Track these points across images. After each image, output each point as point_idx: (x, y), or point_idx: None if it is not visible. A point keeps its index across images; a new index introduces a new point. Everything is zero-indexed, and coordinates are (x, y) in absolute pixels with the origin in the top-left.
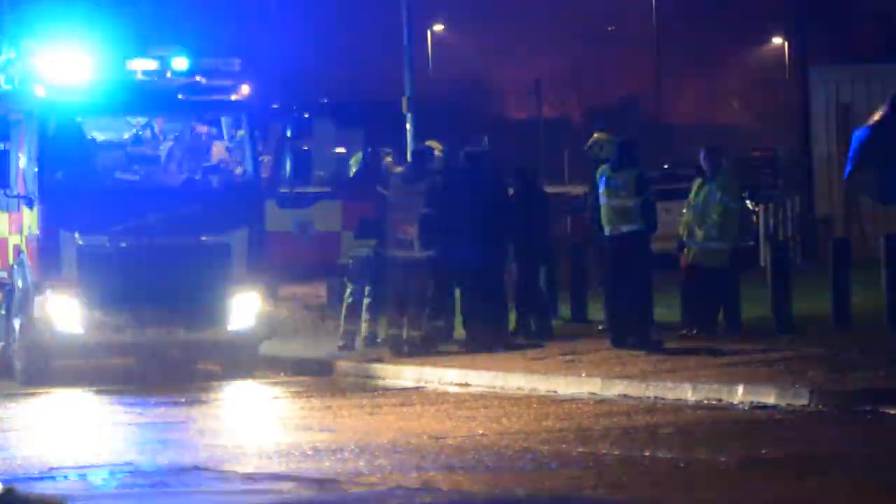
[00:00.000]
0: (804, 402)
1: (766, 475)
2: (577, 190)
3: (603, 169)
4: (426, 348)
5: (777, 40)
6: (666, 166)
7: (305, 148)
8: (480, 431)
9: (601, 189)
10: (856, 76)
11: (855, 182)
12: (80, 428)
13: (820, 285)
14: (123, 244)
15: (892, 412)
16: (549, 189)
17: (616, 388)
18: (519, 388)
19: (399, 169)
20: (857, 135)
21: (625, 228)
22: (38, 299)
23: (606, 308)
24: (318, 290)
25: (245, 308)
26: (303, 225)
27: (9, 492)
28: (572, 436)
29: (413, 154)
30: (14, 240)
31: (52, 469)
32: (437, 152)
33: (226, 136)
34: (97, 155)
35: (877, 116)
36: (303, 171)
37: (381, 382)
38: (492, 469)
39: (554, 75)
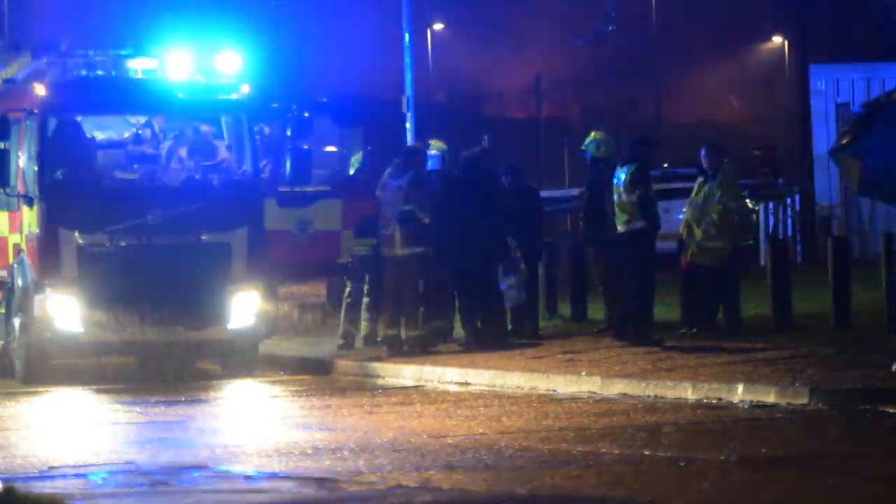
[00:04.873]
0: (804, 401)
1: (765, 474)
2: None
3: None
4: (425, 347)
5: (777, 40)
6: (666, 165)
7: (305, 147)
8: (480, 430)
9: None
10: (856, 76)
11: (841, 160)
12: (79, 427)
13: (820, 285)
14: (123, 243)
15: (892, 412)
16: (549, 192)
17: (616, 387)
18: (519, 387)
19: (389, 169)
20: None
21: (626, 226)
22: (38, 298)
23: (606, 306)
24: (317, 290)
25: (245, 307)
26: (303, 224)
27: (9, 491)
28: (572, 435)
29: (402, 152)
30: (14, 238)
31: (51, 468)
32: (435, 151)
33: (226, 136)
34: (97, 154)
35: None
36: (303, 170)
37: (380, 381)
38: (492, 468)
39: (554, 75)
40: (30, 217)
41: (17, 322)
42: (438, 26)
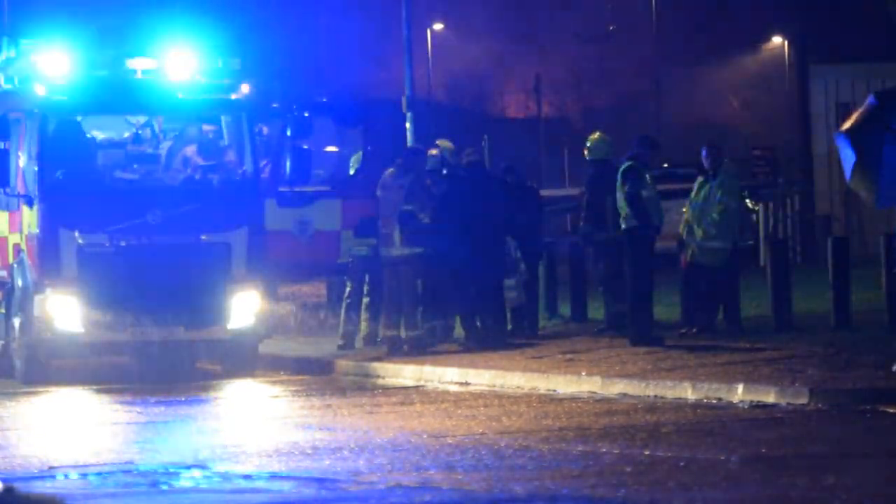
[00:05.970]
0: (804, 401)
1: (765, 474)
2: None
3: None
4: (425, 347)
5: (777, 40)
6: (665, 165)
7: (305, 147)
8: (480, 430)
9: None
10: (856, 76)
11: (856, 183)
12: (79, 427)
13: (820, 285)
14: (123, 243)
15: (892, 412)
16: (548, 192)
17: (616, 387)
18: (519, 387)
19: (391, 170)
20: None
21: (625, 223)
22: (37, 298)
23: (606, 306)
24: (317, 290)
25: (245, 307)
26: (302, 224)
27: (8, 491)
28: (572, 434)
29: (405, 152)
30: (14, 239)
31: (51, 468)
32: (436, 151)
33: (226, 136)
34: (97, 154)
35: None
36: (303, 170)
37: (380, 381)
38: (491, 468)
39: (554, 75)
40: (30, 217)
41: (17, 322)
42: (438, 26)
